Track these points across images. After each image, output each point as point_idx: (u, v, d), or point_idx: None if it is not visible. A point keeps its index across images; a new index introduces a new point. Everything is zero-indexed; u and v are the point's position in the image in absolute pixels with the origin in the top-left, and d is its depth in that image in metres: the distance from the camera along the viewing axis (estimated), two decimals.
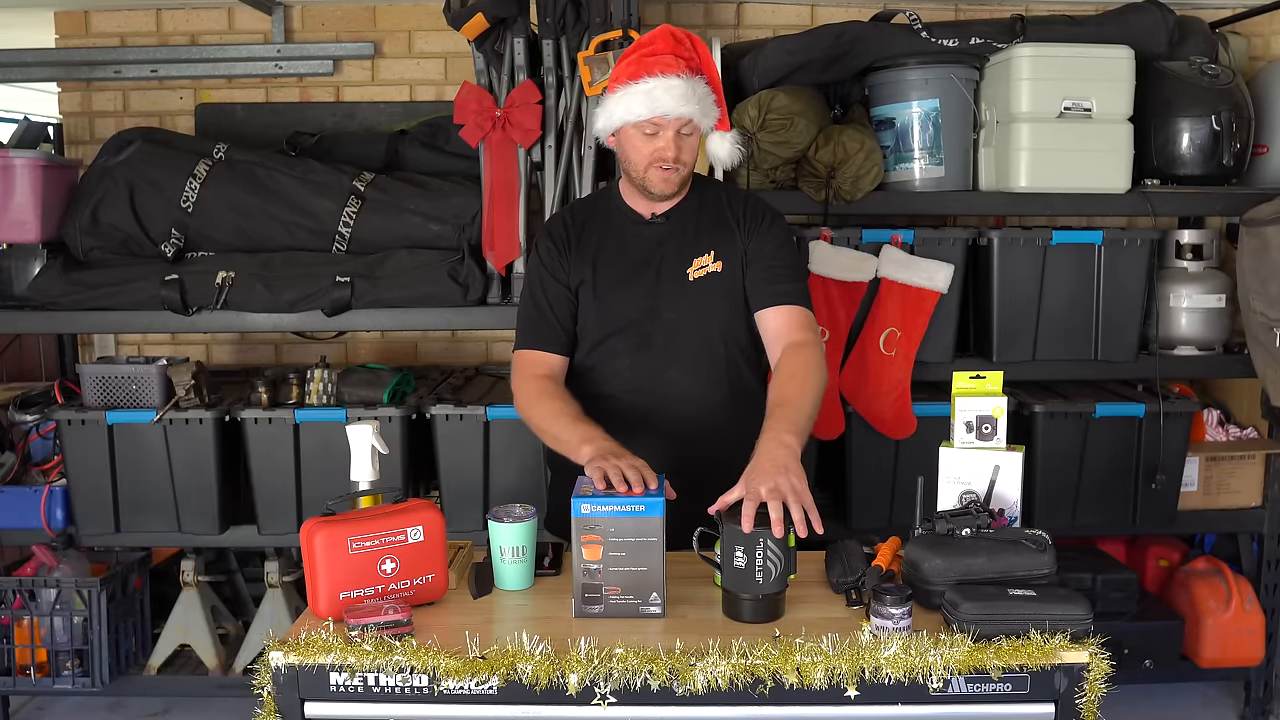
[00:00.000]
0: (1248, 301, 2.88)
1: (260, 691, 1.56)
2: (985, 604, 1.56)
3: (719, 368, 2.15)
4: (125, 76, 3.51)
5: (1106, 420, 2.99)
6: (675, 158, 2.03)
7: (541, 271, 2.16)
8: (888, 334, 2.90)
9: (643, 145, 2.04)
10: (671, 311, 2.12)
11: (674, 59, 2.01)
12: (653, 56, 2.01)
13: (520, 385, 2.13)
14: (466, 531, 2.86)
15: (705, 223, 2.15)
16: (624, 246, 2.15)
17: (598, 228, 2.17)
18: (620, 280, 2.13)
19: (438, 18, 2.96)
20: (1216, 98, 2.90)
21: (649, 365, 2.12)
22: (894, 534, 1.86)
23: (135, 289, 2.86)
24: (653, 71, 2.00)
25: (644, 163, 2.06)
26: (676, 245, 2.14)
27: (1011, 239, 2.94)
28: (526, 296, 2.21)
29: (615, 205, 2.18)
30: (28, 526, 3.04)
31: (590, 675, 1.50)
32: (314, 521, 1.69)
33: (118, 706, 3.33)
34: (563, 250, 2.15)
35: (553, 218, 2.29)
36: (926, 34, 2.90)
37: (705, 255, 2.12)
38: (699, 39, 2.09)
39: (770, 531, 1.64)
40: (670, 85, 1.99)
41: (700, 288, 2.12)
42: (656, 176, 2.06)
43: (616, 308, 2.13)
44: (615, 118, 2.05)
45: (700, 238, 2.14)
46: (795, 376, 1.99)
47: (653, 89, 1.99)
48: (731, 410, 2.15)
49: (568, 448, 1.95)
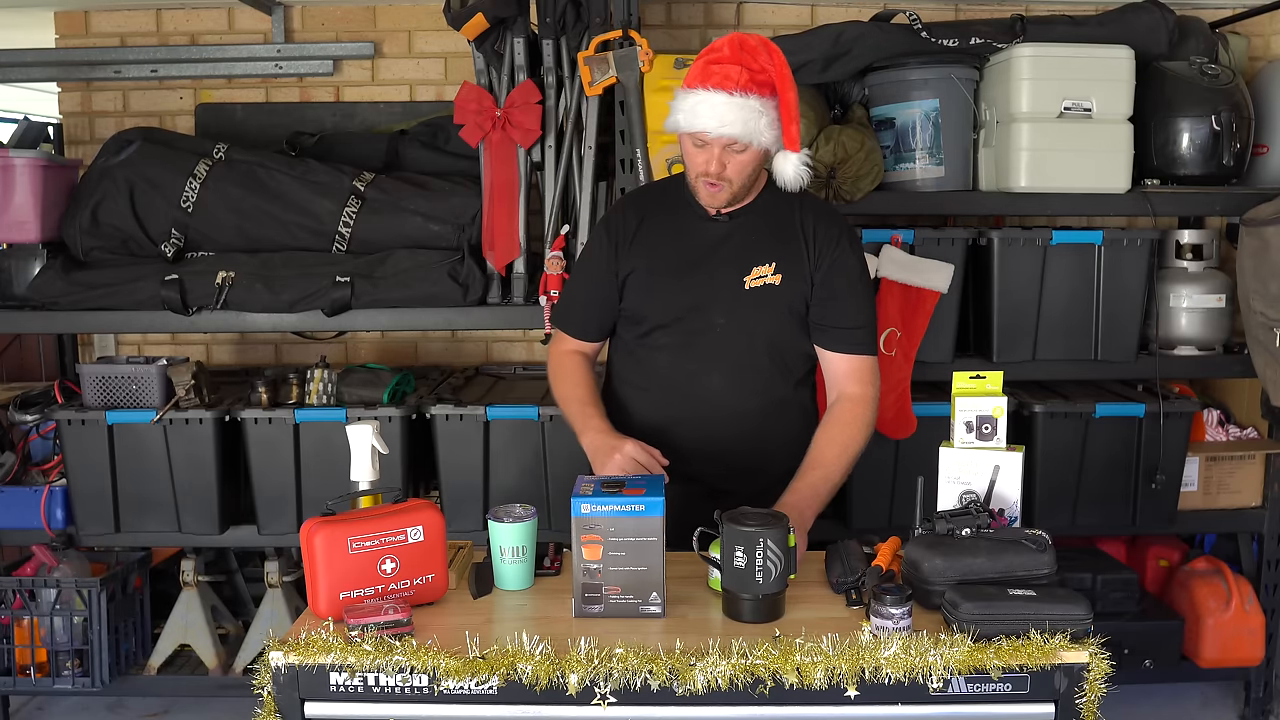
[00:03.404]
0: (1248, 301, 2.88)
1: (260, 691, 1.56)
2: (985, 604, 1.56)
3: (759, 380, 2.12)
4: (125, 76, 3.51)
5: (1106, 420, 2.99)
6: (718, 174, 1.98)
7: (589, 263, 2.22)
8: (888, 334, 2.90)
9: (693, 154, 2.00)
10: (721, 316, 2.08)
11: (738, 70, 1.91)
12: (714, 65, 1.93)
13: (550, 358, 2.26)
14: (466, 531, 2.86)
15: (771, 230, 2.09)
16: (683, 240, 2.11)
17: (661, 217, 2.14)
18: (673, 274, 2.10)
19: (438, 18, 2.96)
20: (1216, 98, 2.90)
21: (688, 366, 2.10)
22: (894, 534, 1.86)
23: (135, 289, 2.86)
24: (708, 83, 1.92)
25: (693, 172, 2.03)
26: (737, 248, 2.08)
27: (1011, 239, 2.93)
28: (576, 275, 2.32)
29: (684, 196, 2.12)
30: (28, 526, 3.04)
31: (590, 675, 1.50)
32: (314, 521, 1.69)
33: (118, 706, 3.33)
34: (614, 243, 2.14)
35: (615, 205, 2.28)
36: (926, 34, 2.90)
37: (766, 265, 2.07)
38: (776, 49, 1.98)
39: (770, 531, 1.65)
40: (715, 102, 1.91)
41: (755, 298, 2.07)
42: (703, 189, 2.03)
43: (665, 301, 2.10)
44: (669, 121, 2.01)
45: (764, 245, 2.08)
46: (838, 442, 2.06)
47: (698, 103, 1.93)
48: (762, 421, 2.13)
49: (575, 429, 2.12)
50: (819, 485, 2.01)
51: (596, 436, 2.05)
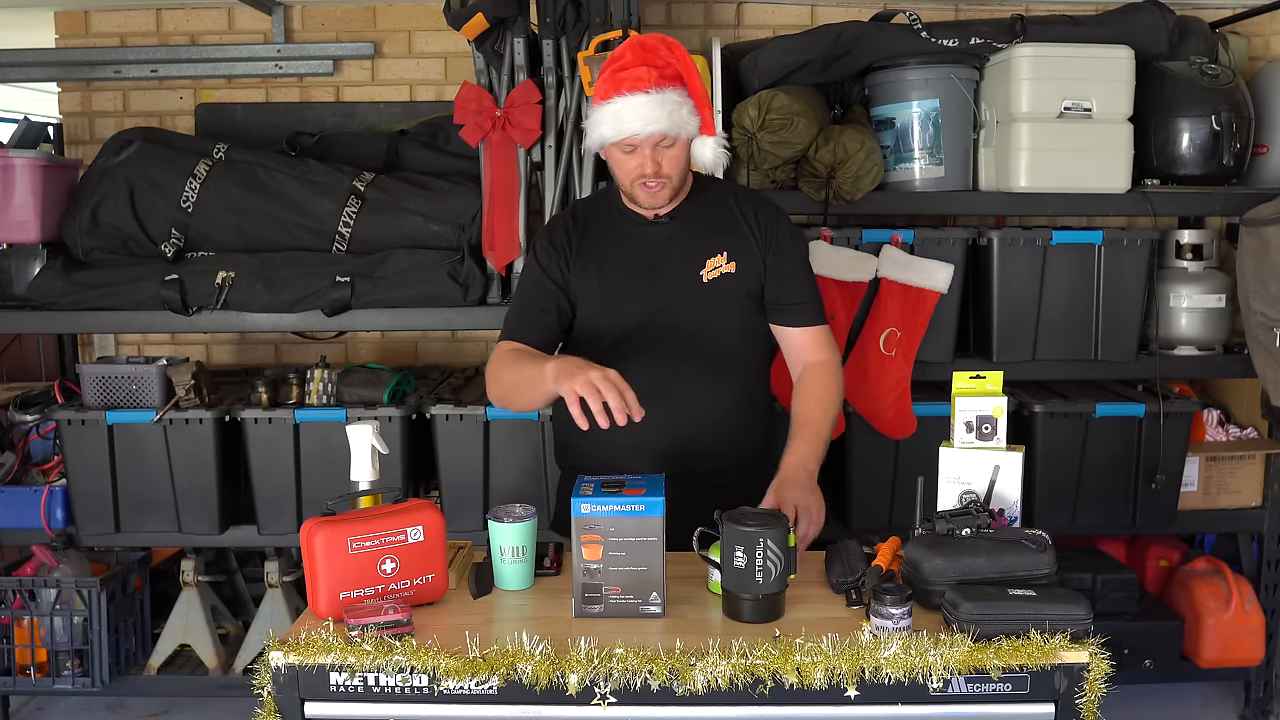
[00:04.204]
0: (1248, 301, 2.88)
1: (260, 691, 1.56)
2: (985, 604, 1.56)
3: (731, 369, 2.15)
4: (125, 76, 3.51)
5: (1106, 420, 2.99)
6: (655, 173, 2.01)
7: (537, 273, 2.15)
8: (888, 334, 2.90)
9: (624, 162, 2.03)
10: (686, 312, 2.11)
11: (645, 70, 1.95)
12: (622, 72, 1.97)
13: (490, 364, 2.12)
14: (466, 531, 2.86)
15: (714, 222, 2.14)
16: (629, 248, 2.13)
17: (601, 229, 2.16)
18: (629, 282, 2.12)
19: (438, 18, 2.96)
20: (1216, 98, 2.90)
21: (661, 367, 2.10)
22: (894, 534, 1.86)
23: (135, 289, 2.86)
24: (621, 90, 1.96)
25: (628, 179, 2.05)
26: (685, 245, 2.12)
27: (1011, 239, 2.93)
28: (517, 295, 2.21)
29: (617, 206, 2.16)
30: (28, 526, 3.04)
31: (590, 675, 1.49)
32: (314, 521, 1.69)
33: (118, 706, 3.33)
34: (562, 254, 2.14)
35: (553, 219, 2.27)
36: (926, 34, 2.90)
37: (718, 255, 2.11)
38: (676, 44, 2.03)
39: (770, 531, 1.65)
40: (635, 104, 1.95)
41: (714, 288, 2.11)
42: (642, 193, 2.05)
43: (627, 310, 2.11)
44: (593, 138, 2.04)
45: (711, 238, 2.12)
46: (820, 401, 2.11)
47: (619, 110, 1.96)
48: (741, 411, 2.16)
49: (535, 380, 1.91)
50: (814, 441, 2.06)
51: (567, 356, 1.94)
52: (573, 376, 1.80)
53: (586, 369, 1.81)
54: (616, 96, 1.96)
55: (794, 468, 1.99)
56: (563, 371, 1.83)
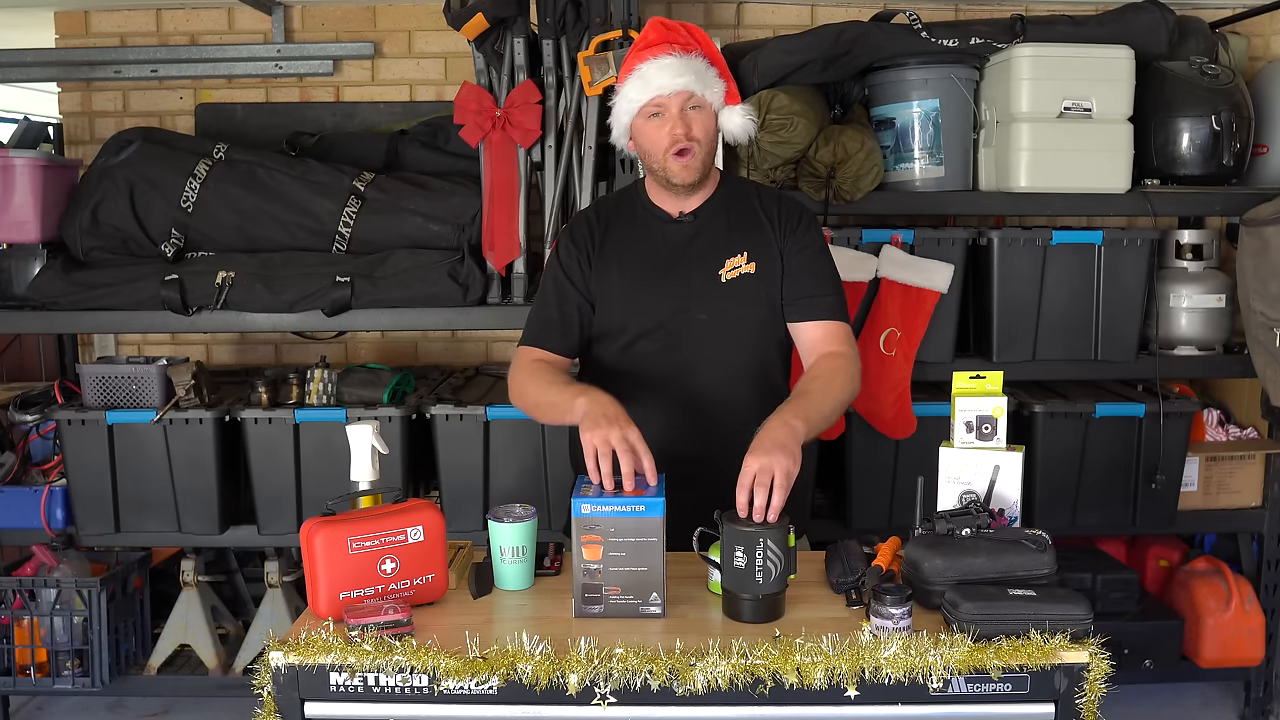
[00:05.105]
0: (1248, 301, 2.88)
1: (260, 691, 1.56)
2: (985, 604, 1.56)
3: (750, 370, 2.14)
4: (125, 76, 3.51)
5: (1106, 420, 2.99)
6: (687, 134, 2.01)
7: (559, 273, 2.14)
8: (888, 334, 2.90)
9: (654, 132, 2.03)
10: (703, 313, 2.10)
11: (668, 46, 2.02)
12: (647, 49, 2.03)
13: (515, 373, 2.11)
14: (466, 531, 2.86)
15: (736, 222, 2.13)
16: (652, 246, 2.12)
17: (624, 227, 2.15)
18: (649, 281, 2.11)
19: (438, 18, 2.96)
20: (1216, 98, 2.90)
21: (680, 367, 2.10)
22: (894, 534, 1.86)
23: (135, 289, 2.86)
24: (644, 59, 2.02)
25: (660, 151, 2.03)
26: (707, 244, 2.11)
27: (1011, 239, 2.93)
28: (540, 295, 2.18)
29: (642, 204, 2.15)
30: (28, 526, 3.04)
31: (590, 675, 1.50)
32: (314, 521, 1.69)
33: (118, 706, 3.33)
34: (584, 252, 2.13)
35: (576, 217, 2.25)
36: (926, 34, 2.90)
37: (738, 256, 2.10)
38: (695, 27, 2.08)
39: (770, 531, 1.65)
40: (662, 64, 1.99)
41: (733, 289, 2.10)
42: (675, 165, 2.03)
43: (646, 309, 2.10)
44: (622, 116, 2.06)
45: (732, 237, 2.11)
46: (820, 378, 2.02)
47: (644, 72, 2.01)
48: (760, 413, 2.13)
49: (562, 409, 1.92)
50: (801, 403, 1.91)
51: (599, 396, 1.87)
52: (595, 429, 1.78)
53: (610, 426, 1.77)
54: (640, 65, 2.01)
55: (767, 429, 1.82)
56: (590, 416, 1.81)
